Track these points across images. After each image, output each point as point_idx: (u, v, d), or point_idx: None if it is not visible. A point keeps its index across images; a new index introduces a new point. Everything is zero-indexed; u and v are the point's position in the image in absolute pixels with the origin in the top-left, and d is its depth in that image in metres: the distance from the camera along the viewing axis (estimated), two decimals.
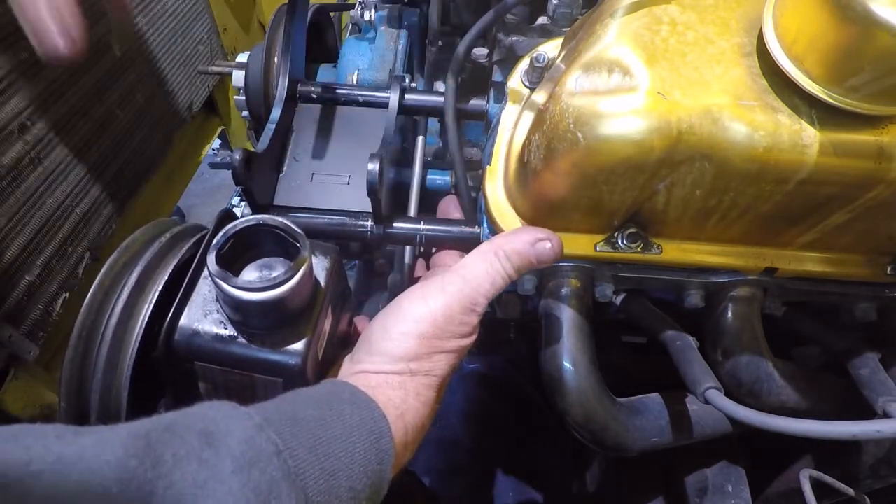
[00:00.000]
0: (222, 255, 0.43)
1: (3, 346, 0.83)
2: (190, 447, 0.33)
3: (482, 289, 0.50)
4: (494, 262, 0.50)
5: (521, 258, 0.50)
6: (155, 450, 0.32)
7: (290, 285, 0.42)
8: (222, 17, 1.43)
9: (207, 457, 0.33)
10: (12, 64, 0.81)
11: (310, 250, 0.45)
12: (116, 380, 0.44)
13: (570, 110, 0.50)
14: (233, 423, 0.35)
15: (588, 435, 0.60)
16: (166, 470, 0.31)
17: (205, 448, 0.33)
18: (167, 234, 0.51)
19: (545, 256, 0.51)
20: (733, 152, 0.48)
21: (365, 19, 0.86)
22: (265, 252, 0.48)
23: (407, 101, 0.72)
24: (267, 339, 0.45)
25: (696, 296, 0.63)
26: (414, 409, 0.47)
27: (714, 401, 0.56)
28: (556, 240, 0.51)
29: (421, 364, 0.48)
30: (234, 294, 0.42)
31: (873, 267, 0.61)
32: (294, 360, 0.45)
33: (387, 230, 0.63)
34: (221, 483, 0.32)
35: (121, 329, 0.45)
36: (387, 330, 0.49)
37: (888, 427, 0.44)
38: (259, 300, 0.42)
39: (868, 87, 0.44)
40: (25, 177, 0.86)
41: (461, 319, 0.49)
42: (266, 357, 0.45)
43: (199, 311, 0.45)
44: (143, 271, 0.47)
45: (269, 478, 0.34)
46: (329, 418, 0.41)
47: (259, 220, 0.45)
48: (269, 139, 0.63)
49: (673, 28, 0.51)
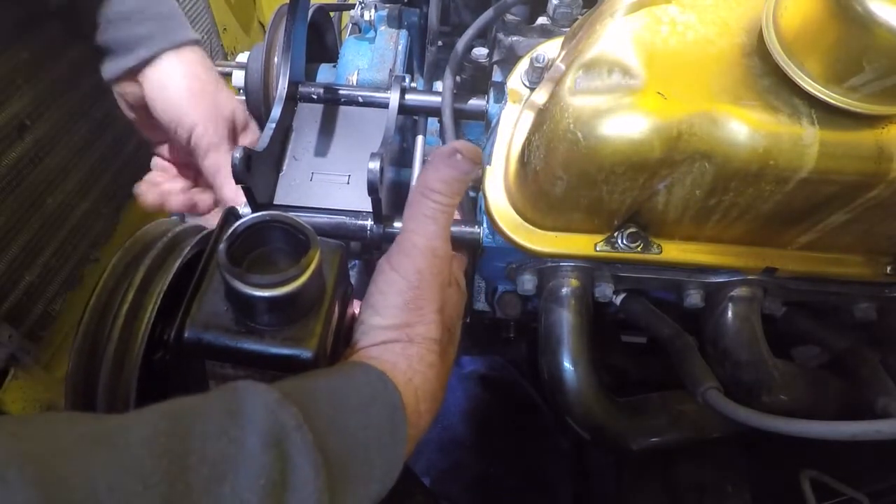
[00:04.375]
0: (232, 252, 0.43)
1: (2, 346, 0.83)
2: (217, 424, 0.34)
3: (431, 232, 0.51)
4: (425, 202, 0.51)
5: (445, 184, 0.51)
6: (183, 427, 0.32)
7: (301, 281, 0.43)
8: (222, 17, 1.43)
9: (235, 434, 0.33)
10: (12, 64, 0.81)
11: (320, 246, 0.45)
12: (122, 384, 0.44)
13: (570, 110, 0.50)
14: (256, 399, 0.36)
15: (588, 434, 0.60)
16: (198, 446, 0.32)
17: (231, 426, 0.34)
18: (169, 235, 0.50)
19: (463, 166, 0.51)
20: (733, 152, 0.48)
21: (365, 19, 0.86)
22: (272, 249, 0.48)
23: (407, 101, 0.72)
24: (278, 335, 0.45)
25: (696, 296, 0.63)
26: (421, 374, 0.48)
27: (714, 401, 0.56)
28: (464, 144, 0.52)
29: (416, 329, 0.49)
30: (246, 291, 0.42)
31: (873, 267, 0.61)
32: (307, 353, 0.45)
33: (387, 230, 0.63)
34: (251, 458, 0.33)
35: (126, 331, 0.45)
36: (373, 307, 0.50)
37: (888, 427, 0.44)
38: (272, 296, 0.42)
39: (868, 87, 0.44)
40: (25, 177, 0.86)
41: (431, 270, 0.50)
42: (279, 352, 0.45)
43: (209, 310, 0.45)
44: (146, 272, 0.47)
45: (291, 452, 0.35)
46: (344, 391, 0.42)
47: (270, 217, 0.45)
48: (269, 138, 0.63)
49: (673, 28, 0.51)
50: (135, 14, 0.70)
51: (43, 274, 0.91)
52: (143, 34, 0.70)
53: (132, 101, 0.74)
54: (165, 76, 0.72)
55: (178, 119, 0.71)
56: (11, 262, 0.85)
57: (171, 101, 0.71)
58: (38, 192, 0.89)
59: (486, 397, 1.12)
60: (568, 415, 0.60)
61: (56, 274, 0.94)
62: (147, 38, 0.71)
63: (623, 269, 0.63)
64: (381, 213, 0.62)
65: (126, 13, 0.70)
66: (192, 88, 0.72)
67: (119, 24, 0.70)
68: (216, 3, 1.37)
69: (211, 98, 0.73)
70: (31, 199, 0.87)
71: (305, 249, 0.44)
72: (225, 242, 0.43)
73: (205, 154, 0.72)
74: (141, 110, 0.75)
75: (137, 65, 0.71)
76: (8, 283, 0.85)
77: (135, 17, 0.70)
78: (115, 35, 0.70)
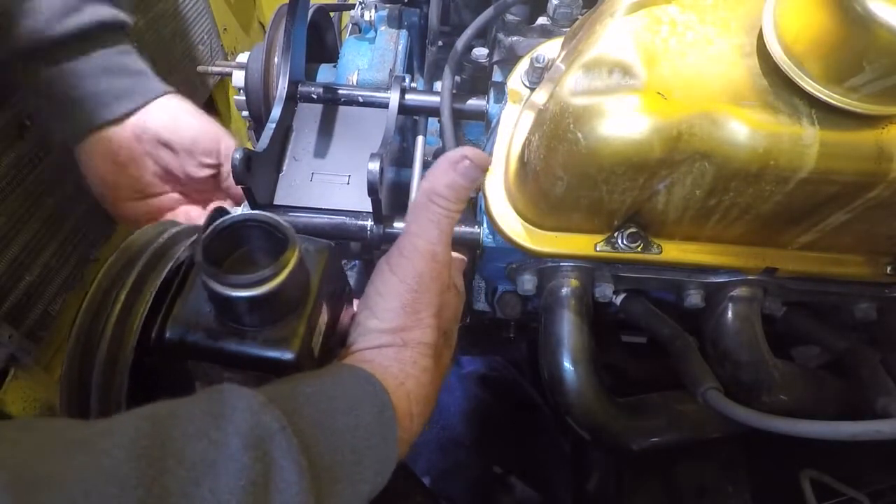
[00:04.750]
0: (211, 252, 0.43)
1: (3, 346, 0.83)
2: (197, 426, 0.33)
3: (433, 236, 0.51)
4: (431, 207, 0.51)
5: (452, 189, 0.51)
6: (164, 429, 0.32)
7: (279, 280, 0.42)
8: (222, 17, 1.43)
9: (216, 436, 0.33)
10: None
11: (299, 246, 0.45)
12: (115, 381, 0.44)
13: (570, 110, 0.50)
14: (238, 401, 0.36)
15: (588, 434, 0.60)
16: (177, 448, 0.32)
17: (211, 428, 0.34)
18: (165, 235, 0.50)
19: (471, 173, 0.50)
20: (733, 152, 0.48)
21: (365, 19, 0.86)
22: (253, 249, 0.47)
23: (407, 101, 0.72)
24: (259, 335, 0.45)
25: (696, 296, 0.63)
26: (414, 378, 0.48)
27: (714, 401, 0.56)
28: (473, 150, 0.51)
29: (411, 334, 0.49)
30: (222, 291, 0.41)
31: (873, 267, 0.61)
32: (287, 355, 0.44)
33: (387, 230, 0.63)
34: (232, 461, 0.33)
35: (119, 329, 0.45)
36: (370, 308, 0.50)
37: (888, 427, 0.44)
38: (249, 296, 0.42)
39: (868, 87, 0.44)
40: (25, 177, 0.86)
41: (431, 274, 0.50)
42: (259, 353, 0.44)
43: (192, 310, 0.45)
44: (140, 272, 0.47)
45: (275, 454, 0.34)
46: (330, 394, 0.41)
47: (246, 217, 0.45)
48: (268, 138, 0.63)
49: (673, 28, 0.51)
50: (114, 69, 0.69)
51: (43, 274, 0.91)
52: (126, 87, 0.70)
53: (124, 155, 0.71)
54: (171, 107, 0.72)
55: (205, 132, 0.71)
56: (11, 262, 0.85)
57: (190, 121, 0.72)
58: (38, 192, 0.89)
59: (486, 397, 1.12)
60: (568, 415, 0.60)
61: (56, 274, 0.94)
62: (131, 90, 0.70)
63: (623, 269, 0.63)
64: (381, 214, 0.62)
65: (106, 67, 0.68)
66: (196, 112, 0.74)
67: (98, 77, 0.68)
68: (216, 3, 1.37)
69: (216, 124, 0.75)
70: (31, 199, 0.87)
71: (284, 248, 0.44)
72: (202, 242, 0.43)
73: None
74: (134, 164, 0.72)
75: (129, 112, 0.69)
76: (8, 283, 0.85)
77: (115, 72, 0.69)
78: (97, 87, 0.68)
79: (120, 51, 0.70)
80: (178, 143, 0.71)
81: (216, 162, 0.73)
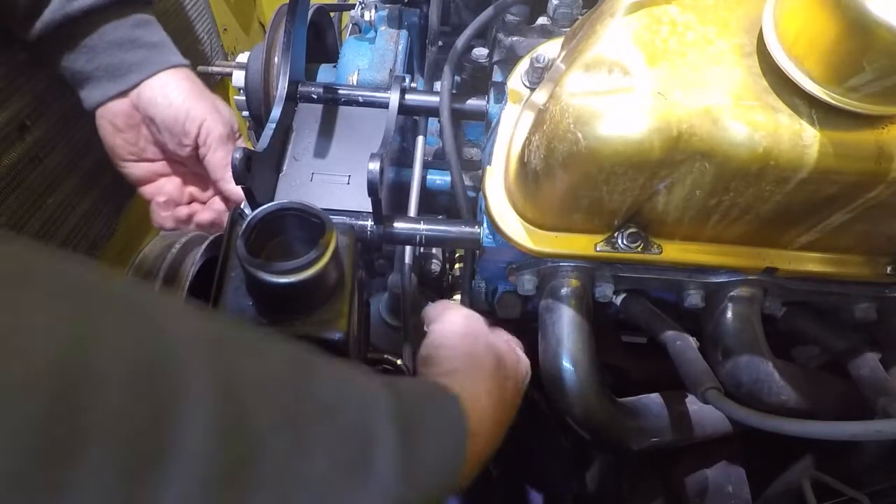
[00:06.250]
0: (250, 245, 0.44)
1: None
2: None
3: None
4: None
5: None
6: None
7: (324, 262, 0.43)
8: (222, 17, 1.43)
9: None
10: (12, 64, 0.81)
11: (335, 226, 0.45)
12: None
13: (570, 110, 0.50)
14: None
15: (588, 434, 0.60)
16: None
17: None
18: (176, 246, 0.51)
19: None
20: (733, 152, 0.48)
21: (365, 19, 0.86)
22: (285, 239, 0.48)
23: (407, 101, 0.72)
24: (307, 320, 0.46)
25: (696, 296, 0.63)
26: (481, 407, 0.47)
27: (714, 401, 0.56)
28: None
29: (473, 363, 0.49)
30: (272, 280, 0.42)
31: (873, 267, 0.61)
32: (338, 334, 0.45)
33: (387, 230, 0.63)
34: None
35: None
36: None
37: (888, 427, 0.44)
38: (297, 281, 0.42)
39: (868, 87, 0.44)
40: (25, 177, 0.86)
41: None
42: (311, 335, 0.45)
43: (234, 308, 0.46)
44: (162, 286, 0.47)
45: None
46: (429, 410, 0.42)
47: (282, 206, 0.46)
48: (268, 138, 0.63)
49: (673, 28, 0.51)
50: (126, 43, 0.72)
51: None
52: (135, 60, 0.72)
53: (122, 121, 0.75)
54: (165, 84, 0.74)
55: (187, 113, 0.73)
56: None
57: (175, 100, 0.73)
58: (38, 192, 0.88)
59: None
60: (568, 415, 0.60)
61: None
62: (140, 64, 0.73)
63: (623, 269, 0.63)
64: (381, 214, 0.62)
65: (118, 41, 0.71)
66: (192, 90, 0.74)
67: (110, 51, 0.71)
68: (216, 3, 1.37)
69: (211, 101, 0.76)
70: (31, 199, 0.87)
71: (321, 232, 0.44)
72: (242, 237, 0.44)
73: (215, 147, 0.74)
74: (130, 130, 0.76)
75: (134, 84, 0.72)
76: None
77: (126, 46, 0.72)
78: (108, 61, 0.71)
79: (135, 22, 0.73)
80: (160, 120, 0.74)
81: (192, 144, 0.75)
